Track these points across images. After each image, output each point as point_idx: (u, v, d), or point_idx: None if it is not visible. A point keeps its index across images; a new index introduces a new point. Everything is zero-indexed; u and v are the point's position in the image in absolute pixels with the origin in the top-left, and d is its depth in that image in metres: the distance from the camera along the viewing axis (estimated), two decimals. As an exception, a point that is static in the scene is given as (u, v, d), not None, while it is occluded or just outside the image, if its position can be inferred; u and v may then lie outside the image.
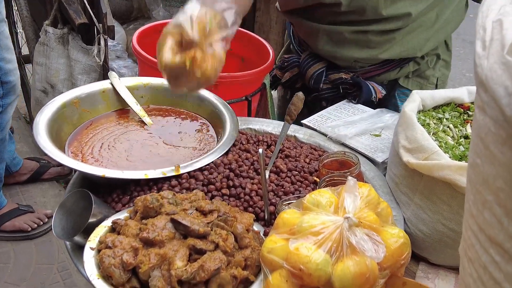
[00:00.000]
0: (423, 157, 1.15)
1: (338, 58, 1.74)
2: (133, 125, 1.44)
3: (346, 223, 0.92)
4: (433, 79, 1.85)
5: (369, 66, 1.75)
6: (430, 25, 1.68)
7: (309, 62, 1.79)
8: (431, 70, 1.83)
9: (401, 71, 1.78)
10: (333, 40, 1.71)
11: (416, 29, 1.67)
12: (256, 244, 1.03)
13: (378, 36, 1.67)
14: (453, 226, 1.15)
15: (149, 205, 1.02)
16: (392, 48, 1.69)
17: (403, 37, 1.67)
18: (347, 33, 1.67)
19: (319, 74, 1.76)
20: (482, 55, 0.57)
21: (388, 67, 1.76)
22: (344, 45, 1.70)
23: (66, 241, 1.12)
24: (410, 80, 1.82)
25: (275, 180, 1.24)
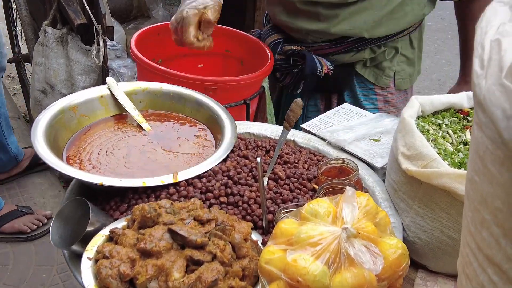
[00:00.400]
0: (422, 165, 1.15)
1: (292, 29, 1.85)
2: (132, 131, 1.43)
3: (344, 234, 0.92)
4: (389, 72, 1.90)
5: (322, 42, 1.82)
6: (379, 8, 1.73)
7: (269, 33, 1.93)
8: (387, 62, 1.88)
9: (356, 55, 1.84)
10: (287, 10, 1.82)
11: (364, 10, 1.73)
12: (254, 253, 1.02)
13: (327, 10, 1.73)
14: (452, 234, 1.14)
15: (147, 215, 1.02)
16: (340, 24, 1.75)
17: (350, 15, 1.73)
18: (298, 3, 1.76)
19: (275, 45, 1.88)
20: (480, 74, 0.56)
21: (340, 46, 1.82)
22: (297, 16, 1.80)
23: (64, 250, 1.11)
24: (367, 69, 1.89)
25: (273, 188, 1.24)
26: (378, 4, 1.72)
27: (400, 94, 1.98)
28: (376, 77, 1.90)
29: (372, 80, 1.90)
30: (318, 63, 1.78)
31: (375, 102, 1.94)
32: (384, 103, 1.95)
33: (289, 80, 1.90)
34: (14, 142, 3.13)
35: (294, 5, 1.77)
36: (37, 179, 3.21)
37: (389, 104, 1.96)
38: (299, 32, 1.83)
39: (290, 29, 1.86)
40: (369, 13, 1.73)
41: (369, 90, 1.93)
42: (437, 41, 6.02)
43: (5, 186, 3.13)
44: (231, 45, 1.98)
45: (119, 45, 3.34)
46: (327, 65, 1.80)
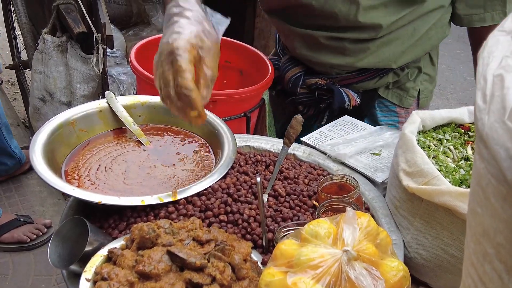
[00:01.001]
0: (423, 182, 1.14)
1: (315, 63, 1.76)
2: (131, 145, 1.42)
3: (345, 257, 0.91)
4: (413, 92, 1.85)
5: (346, 73, 1.76)
6: (406, 38, 1.67)
7: (288, 66, 1.81)
8: (411, 83, 1.83)
9: (380, 81, 1.78)
10: (309, 45, 1.72)
11: (392, 42, 1.67)
12: (253, 274, 1.01)
13: (353, 44, 1.66)
14: (453, 251, 1.13)
15: (146, 236, 1.01)
16: (367, 58, 1.69)
17: (378, 48, 1.67)
18: (322, 39, 1.67)
19: (297, 78, 1.78)
20: (482, 108, 0.55)
21: (365, 75, 1.76)
22: (320, 51, 1.71)
23: (63, 270, 1.11)
24: (390, 91, 1.83)
25: (273, 205, 1.23)
26: (405, 34, 1.66)
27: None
28: (400, 99, 1.84)
29: (396, 102, 1.85)
30: (346, 97, 1.72)
31: (397, 124, 1.87)
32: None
33: (312, 112, 1.84)
34: (17, 146, 3.17)
35: (318, 40, 1.68)
36: (37, 188, 3.21)
37: None
38: (323, 66, 1.75)
39: (312, 62, 1.76)
40: (396, 44, 1.67)
41: (391, 112, 1.87)
42: (437, 46, 6.01)
43: (5, 195, 3.13)
44: (230, 56, 1.97)
45: (118, 52, 3.34)
46: (354, 97, 1.74)
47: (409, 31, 1.66)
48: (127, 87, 3.19)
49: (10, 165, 3.15)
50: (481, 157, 0.57)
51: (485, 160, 0.55)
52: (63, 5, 2.75)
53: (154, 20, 3.64)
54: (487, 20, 1.69)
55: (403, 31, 1.65)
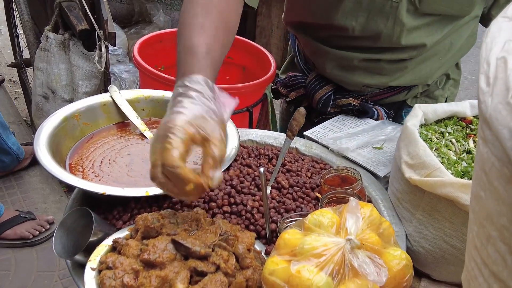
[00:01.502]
0: (425, 174, 1.14)
1: (346, 82, 1.69)
2: (134, 139, 1.43)
3: (348, 245, 0.92)
4: (441, 99, 1.81)
5: (379, 89, 1.71)
6: (443, 53, 1.63)
7: (316, 85, 1.73)
8: (440, 91, 1.80)
9: (410, 93, 1.75)
10: (342, 65, 1.65)
11: (430, 58, 1.62)
12: (257, 264, 1.02)
13: (390, 65, 1.62)
14: (455, 243, 1.14)
15: (150, 225, 1.02)
16: (404, 76, 1.65)
17: (415, 66, 1.63)
18: (357, 60, 1.61)
19: (327, 98, 1.71)
20: (486, 91, 0.56)
21: (397, 90, 1.72)
22: (354, 71, 1.64)
23: (67, 260, 1.11)
24: (418, 100, 1.78)
25: (276, 197, 1.24)
26: (442, 49, 1.62)
27: None
28: None
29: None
30: (376, 114, 1.69)
31: None
32: None
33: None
34: (15, 142, 3.17)
35: (353, 62, 1.62)
36: (39, 184, 3.22)
37: None
38: (355, 85, 1.69)
39: (344, 82, 1.70)
40: (433, 60, 1.64)
41: None
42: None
43: (7, 191, 3.14)
44: (233, 52, 1.98)
45: (120, 49, 3.35)
46: (382, 113, 1.70)
47: (446, 46, 1.63)
48: (129, 84, 3.21)
49: (7, 161, 3.17)
50: (485, 141, 0.57)
51: (488, 143, 0.55)
52: (66, 2, 2.76)
53: (155, 19, 3.65)
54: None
55: (439, 47, 1.62)
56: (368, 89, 1.70)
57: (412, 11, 1.48)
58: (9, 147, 3.10)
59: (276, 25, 3.42)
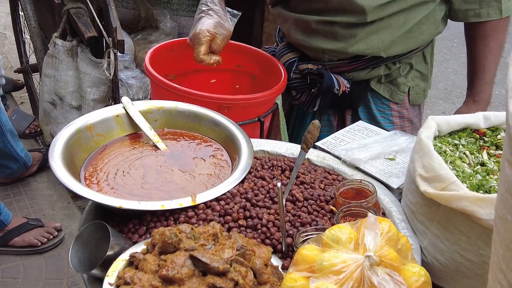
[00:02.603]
0: (440, 187, 1.14)
1: (308, 48, 1.85)
2: (148, 150, 1.43)
3: (367, 262, 0.92)
4: (404, 87, 1.91)
5: (338, 60, 1.83)
6: (396, 28, 1.73)
7: (283, 52, 1.92)
8: (402, 78, 1.89)
9: (371, 72, 1.84)
10: (302, 29, 1.82)
11: (381, 30, 1.73)
12: (274, 279, 1.02)
13: (343, 29, 1.74)
14: (471, 257, 1.14)
15: (168, 240, 1.02)
16: (357, 44, 1.75)
17: (367, 35, 1.74)
18: (314, 23, 1.76)
19: (290, 64, 1.87)
20: (515, 116, 0.56)
21: (356, 64, 1.82)
22: (313, 35, 1.80)
23: (84, 274, 1.11)
24: (382, 85, 1.89)
25: (291, 210, 1.24)
26: (395, 23, 1.72)
27: (414, 108, 1.99)
28: (391, 93, 1.90)
29: (387, 96, 1.91)
30: (336, 81, 1.78)
31: (390, 118, 1.94)
32: (399, 118, 1.96)
33: (304, 98, 1.90)
34: (23, 149, 3.18)
35: (310, 25, 1.77)
36: (46, 191, 3.22)
37: (404, 119, 1.97)
38: (315, 51, 1.83)
39: (305, 47, 1.86)
40: (386, 32, 1.73)
41: (384, 106, 1.93)
42: (443, 50, 6.02)
43: (15, 198, 3.14)
44: (243, 60, 1.98)
45: (127, 56, 3.35)
46: (344, 83, 1.81)
47: (400, 21, 1.72)
48: (136, 91, 3.21)
49: (15, 168, 3.18)
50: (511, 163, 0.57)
51: (517, 166, 0.55)
52: (74, 9, 2.77)
53: (162, 25, 3.65)
54: (482, 15, 1.77)
55: (392, 20, 1.72)
56: (327, 56, 1.82)
57: None
58: (17, 154, 3.11)
59: (283, 31, 3.42)
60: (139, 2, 3.73)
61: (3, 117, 2.99)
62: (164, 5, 3.76)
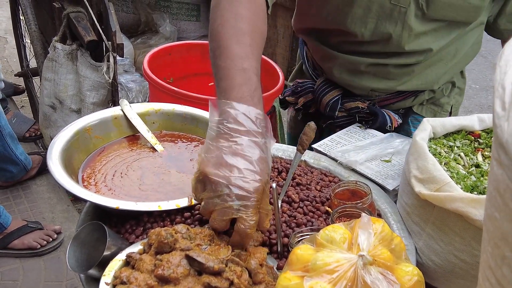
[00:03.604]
0: (435, 188, 1.15)
1: (354, 87, 1.73)
2: (145, 152, 1.45)
3: (360, 261, 0.93)
4: (447, 107, 1.84)
5: (386, 95, 1.75)
6: (449, 59, 1.67)
7: (324, 89, 1.76)
8: (446, 98, 1.83)
9: (416, 99, 1.78)
10: (350, 70, 1.69)
11: (435, 63, 1.67)
12: (269, 279, 1.03)
13: (397, 69, 1.66)
14: (465, 257, 1.15)
15: (164, 240, 1.03)
16: (410, 80, 1.68)
17: (422, 70, 1.67)
18: (365, 65, 1.65)
19: (335, 102, 1.74)
20: (501, 115, 0.57)
21: (404, 95, 1.76)
22: (362, 75, 1.69)
23: (81, 274, 1.12)
24: (424, 107, 1.82)
25: (287, 211, 1.25)
26: (447, 55, 1.67)
27: None
28: (434, 114, 1.83)
29: (430, 117, 1.82)
30: (388, 118, 1.71)
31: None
32: None
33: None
34: (23, 152, 3.20)
35: (361, 66, 1.67)
36: (46, 194, 3.23)
37: None
38: (363, 90, 1.73)
39: (352, 86, 1.74)
40: (439, 65, 1.68)
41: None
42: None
43: (14, 201, 3.15)
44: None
45: (127, 59, 3.37)
46: (396, 118, 1.73)
47: (452, 52, 1.67)
48: (136, 94, 3.23)
49: (14, 172, 3.19)
50: (500, 163, 0.58)
51: (504, 166, 0.56)
52: (74, 13, 2.79)
53: (162, 29, 3.68)
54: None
55: (446, 53, 1.66)
56: (376, 94, 1.73)
57: (420, 16, 1.53)
58: (17, 157, 3.12)
59: (282, 35, 3.44)
60: (139, 7, 3.76)
61: (2, 120, 3.01)
62: (164, 9, 3.79)
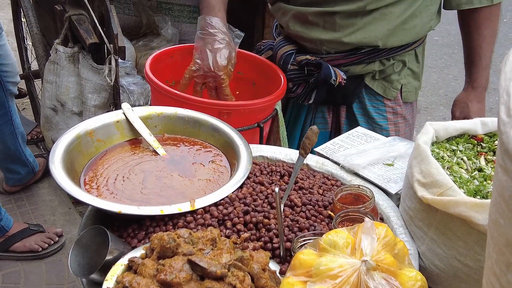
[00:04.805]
0: (438, 192, 1.15)
1: (306, 39, 1.88)
2: (148, 155, 1.44)
3: (363, 267, 0.92)
4: (397, 84, 1.96)
5: (335, 53, 1.87)
6: (392, 18, 1.78)
7: (281, 44, 1.95)
8: (396, 75, 1.94)
9: (366, 67, 1.89)
10: (302, 21, 1.86)
11: (378, 20, 1.78)
12: (272, 284, 1.03)
13: (342, 19, 1.78)
14: (468, 262, 1.14)
15: (166, 245, 1.03)
16: (355, 33, 1.80)
17: (365, 24, 1.79)
18: (314, 15, 1.81)
19: (288, 56, 1.91)
20: (507, 122, 0.57)
21: (353, 57, 1.86)
22: (312, 27, 1.84)
23: (83, 278, 1.12)
24: (376, 82, 1.94)
25: (290, 215, 1.24)
26: (392, 14, 1.78)
27: (407, 106, 2.05)
28: (384, 89, 1.95)
29: (380, 92, 1.96)
30: (333, 72, 1.82)
31: (384, 114, 2.00)
32: (393, 114, 2.01)
33: (301, 90, 1.94)
34: (31, 154, 3.21)
35: (309, 17, 1.82)
36: (47, 197, 3.23)
37: (397, 115, 2.02)
38: (313, 42, 1.87)
39: (303, 39, 1.90)
40: (383, 23, 1.78)
41: (378, 102, 1.98)
42: (443, 56, 6.04)
43: (16, 204, 3.15)
44: (243, 67, 1.99)
45: (128, 62, 3.36)
46: (341, 74, 1.84)
47: (396, 12, 1.78)
48: (137, 97, 3.22)
49: (23, 173, 3.19)
50: (505, 170, 0.58)
51: (509, 173, 0.56)
52: (75, 16, 2.79)
53: (163, 31, 3.67)
54: (474, 2, 1.84)
55: (388, 11, 1.77)
56: (325, 48, 1.86)
57: None
58: (26, 158, 3.14)
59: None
60: (141, 9, 3.75)
61: (16, 119, 3.03)
62: (165, 12, 3.78)
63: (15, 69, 3.15)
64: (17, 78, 3.29)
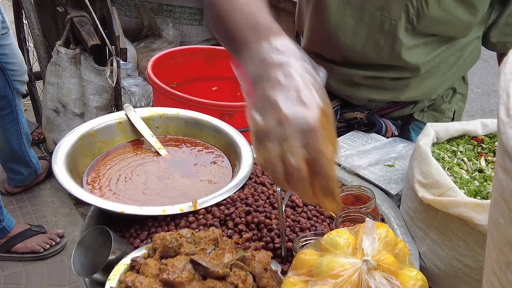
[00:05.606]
0: (438, 193, 1.16)
1: (352, 97, 1.75)
2: (150, 156, 1.45)
3: (364, 266, 0.93)
4: (449, 113, 1.85)
5: (384, 104, 1.76)
6: (446, 70, 1.69)
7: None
8: (446, 104, 1.83)
9: (416, 107, 1.79)
10: (346, 82, 1.71)
11: (433, 75, 1.68)
12: (274, 283, 1.03)
13: (394, 82, 1.67)
14: (468, 262, 1.15)
15: (168, 245, 1.03)
16: (408, 92, 1.70)
17: (418, 82, 1.68)
18: (361, 78, 1.67)
19: (334, 113, 1.70)
20: (506, 122, 0.58)
21: (402, 104, 1.77)
22: (359, 87, 1.71)
23: (86, 278, 1.13)
24: (425, 113, 1.83)
25: (291, 215, 1.25)
26: (444, 66, 1.68)
27: None
28: (436, 120, 1.83)
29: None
30: (384, 126, 1.74)
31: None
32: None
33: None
34: (35, 156, 3.23)
35: (355, 79, 1.69)
36: (49, 198, 3.24)
37: None
38: (361, 100, 1.75)
39: (350, 97, 1.76)
40: (436, 77, 1.70)
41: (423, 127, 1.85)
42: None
43: (17, 205, 3.16)
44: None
45: (130, 63, 3.38)
46: (392, 130, 1.75)
47: (449, 63, 1.68)
48: (139, 98, 3.24)
49: (25, 174, 3.20)
50: (505, 170, 0.59)
51: (509, 173, 0.57)
52: (77, 18, 2.80)
53: (164, 33, 3.68)
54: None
55: (442, 64, 1.67)
56: (374, 104, 1.75)
57: (410, 30, 1.53)
58: (30, 159, 3.15)
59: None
60: (142, 11, 3.77)
61: (22, 119, 3.04)
62: (167, 13, 3.80)
63: (22, 68, 3.13)
64: (25, 77, 3.27)
